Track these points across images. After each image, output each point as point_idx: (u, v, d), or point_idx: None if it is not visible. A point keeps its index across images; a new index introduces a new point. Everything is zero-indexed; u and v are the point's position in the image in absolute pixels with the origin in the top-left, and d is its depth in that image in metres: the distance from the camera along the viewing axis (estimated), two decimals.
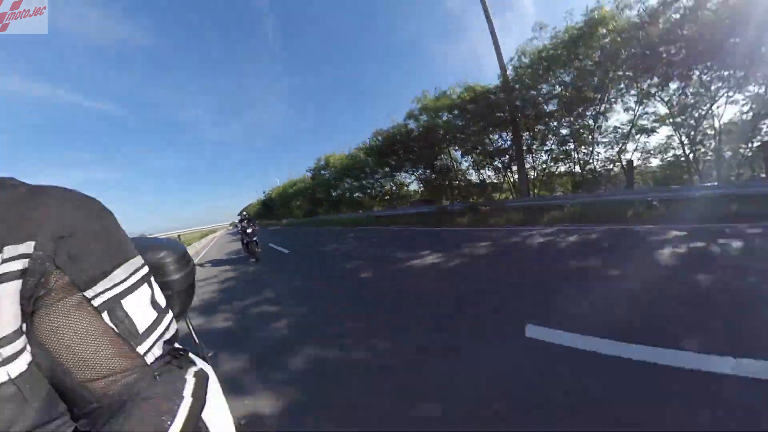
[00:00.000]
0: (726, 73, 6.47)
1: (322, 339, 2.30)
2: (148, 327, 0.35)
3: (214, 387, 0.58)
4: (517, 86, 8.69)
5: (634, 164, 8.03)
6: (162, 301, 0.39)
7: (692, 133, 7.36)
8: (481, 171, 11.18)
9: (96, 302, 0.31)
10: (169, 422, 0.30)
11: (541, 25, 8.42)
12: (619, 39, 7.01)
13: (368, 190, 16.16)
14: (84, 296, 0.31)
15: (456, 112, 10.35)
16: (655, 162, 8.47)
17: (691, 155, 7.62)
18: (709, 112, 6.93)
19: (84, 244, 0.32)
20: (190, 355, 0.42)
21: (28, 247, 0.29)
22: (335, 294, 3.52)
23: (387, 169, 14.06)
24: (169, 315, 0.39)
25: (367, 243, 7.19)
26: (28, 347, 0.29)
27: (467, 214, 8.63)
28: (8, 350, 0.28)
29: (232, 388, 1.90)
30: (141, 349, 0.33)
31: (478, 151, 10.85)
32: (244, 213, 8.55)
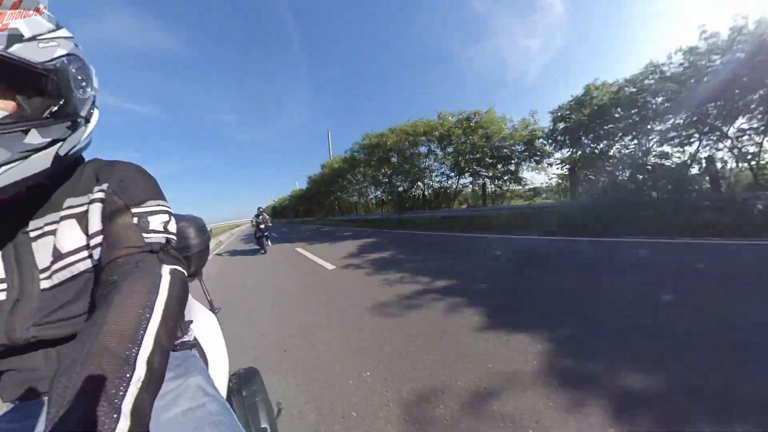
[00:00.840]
0: None
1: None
2: (155, 230, 0.53)
3: (216, 332, 0.89)
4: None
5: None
6: (172, 229, 0.57)
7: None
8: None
9: (133, 211, 0.53)
10: (147, 314, 0.38)
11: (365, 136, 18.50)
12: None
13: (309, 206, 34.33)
14: (129, 210, 0.53)
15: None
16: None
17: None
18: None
19: (132, 186, 0.56)
20: (172, 255, 0.53)
21: (104, 186, 0.55)
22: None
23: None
24: (170, 237, 0.56)
25: (295, 227, 22.79)
26: (93, 253, 0.52)
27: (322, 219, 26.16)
28: (94, 241, 0.52)
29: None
30: (146, 235, 0.51)
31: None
32: (261, 209, 9.25)
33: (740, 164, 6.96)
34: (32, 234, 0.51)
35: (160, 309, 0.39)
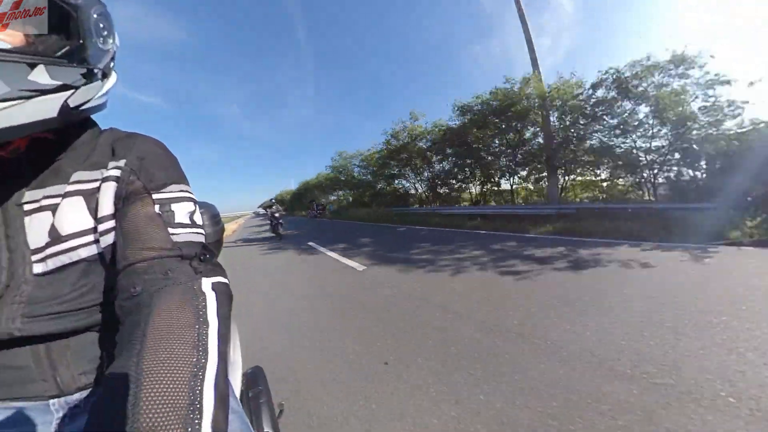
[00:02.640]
0: None
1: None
2: (182, 223, 0.45)
3: (233, 334, 0.81)
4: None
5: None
6: (198, 221, 0.48)
7: None
8: None
9: (154, 197, 0.45)
10: (203, 361, 0.29)
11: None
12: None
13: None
14: (149, 196, 0.45)
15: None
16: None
17: None
18: None
19: (153, 166, 0.48)
20: (211, 262, 0.43)
21: (121, 163, 0.46)
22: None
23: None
24: (200, 232, 0.47)
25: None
26: (100, 240, 0.43)
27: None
28: (103, 226, 0.44)
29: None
30: (171, 231, 0.43)
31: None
32: (272, 200, 9.78)
33: None
34: (26, 207, 0.42)
35: (214, 347, 0.31)
